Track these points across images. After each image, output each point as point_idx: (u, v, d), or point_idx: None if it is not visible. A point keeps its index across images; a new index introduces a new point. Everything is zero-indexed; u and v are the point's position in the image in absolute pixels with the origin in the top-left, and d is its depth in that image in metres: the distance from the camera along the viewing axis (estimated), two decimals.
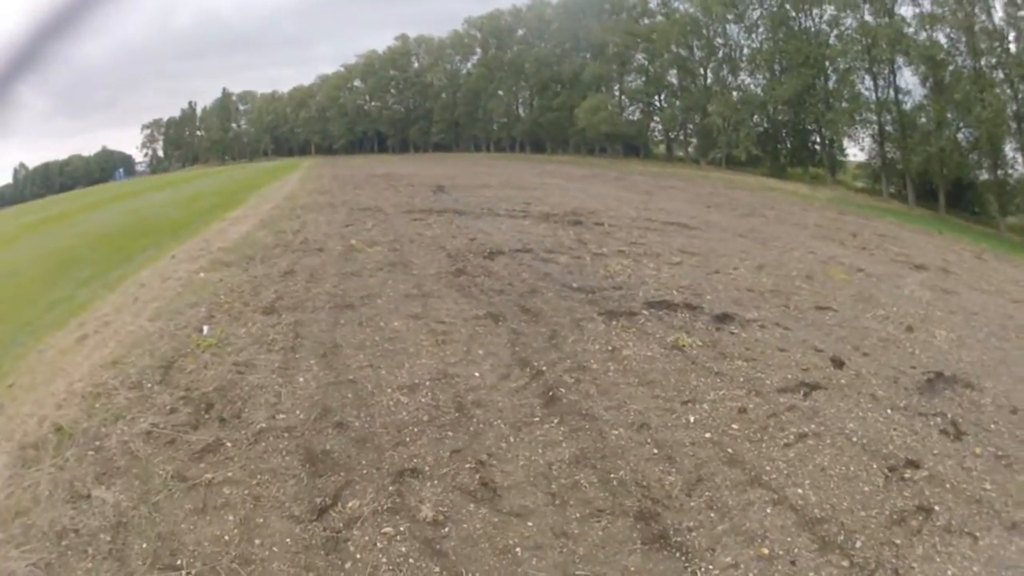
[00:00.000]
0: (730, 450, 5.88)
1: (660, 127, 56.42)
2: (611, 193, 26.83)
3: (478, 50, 70.41)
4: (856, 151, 44.03)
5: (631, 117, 56.05)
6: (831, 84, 42.62)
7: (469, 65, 71.79)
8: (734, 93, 48.60)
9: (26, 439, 6.50)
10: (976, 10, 33.64)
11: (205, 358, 7.95)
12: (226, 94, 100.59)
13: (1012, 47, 32.97)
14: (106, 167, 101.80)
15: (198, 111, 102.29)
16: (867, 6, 39.30)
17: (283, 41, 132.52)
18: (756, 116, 46.97)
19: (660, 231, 16.71)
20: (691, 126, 52.70)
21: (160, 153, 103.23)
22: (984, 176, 35.42)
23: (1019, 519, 5.12)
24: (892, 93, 39.81)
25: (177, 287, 11.56)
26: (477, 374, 7.32)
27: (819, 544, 4.74)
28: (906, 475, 5.57)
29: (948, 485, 5.48)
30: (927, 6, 36.25)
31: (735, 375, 7.37)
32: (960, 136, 35.10)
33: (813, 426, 6.33)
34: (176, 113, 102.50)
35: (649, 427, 6.19)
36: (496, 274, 11.53)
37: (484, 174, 35.09)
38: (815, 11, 43.47)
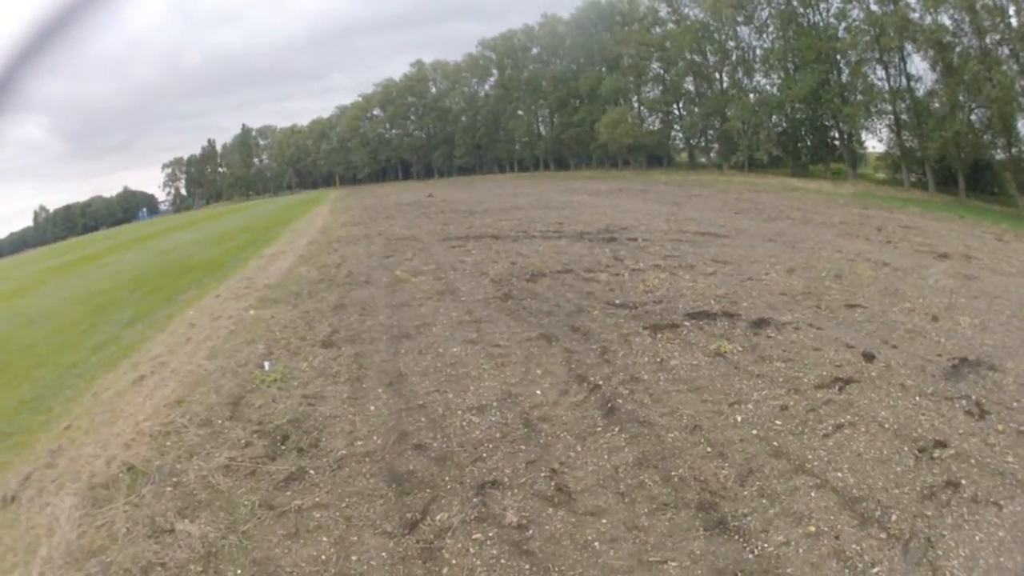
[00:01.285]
0: (775, 443, 6.31)
1: (680, 135, 55.93)
2: (639, 207, 27.04)
3: (494, 71, 70.27)
4: (875, 142, 43.51)
5: (651, 127, 55.71)
6: (844, 78, 42.09)
7: (487, 87, 71.78)
8: (751, 95, 48.27)
9: (95, 479, 6.39)
10: None
11: (272, 392, 8.09)
12: (246, 130, 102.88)
13: (1014, 21, 32.48)
14: (129, 207, 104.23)
15: (218, 148, 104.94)
16: None
17: (298, 73, 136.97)
18: (774, 117, 46.48)
19: (692, 242, 16.92)
20: (711, 132, 52.18)
21: (183, 191, 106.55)
22: (1000, 155, 34.79)
23: None
24: (904, 81, 39.36)
25: (230, 325, 11.61)
26: (539, 392, 7.70)
27: (859, 520, 5.16)
28: (935, 454, 5.90)
29: (973, 461, 5.77)
30: None
31: (775, 376, 7.85)
32: (973, 118, 34.61)
33: (848, 417, 6.75)
34: (196, 151, 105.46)
35: (701, 428, 6.66)
36: (541, 296, 11.84)
37: (512, 196, 35.19)
38: (822, 5, 42.98)
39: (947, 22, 35.09)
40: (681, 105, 54.38)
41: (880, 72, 40.35)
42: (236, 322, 11.69)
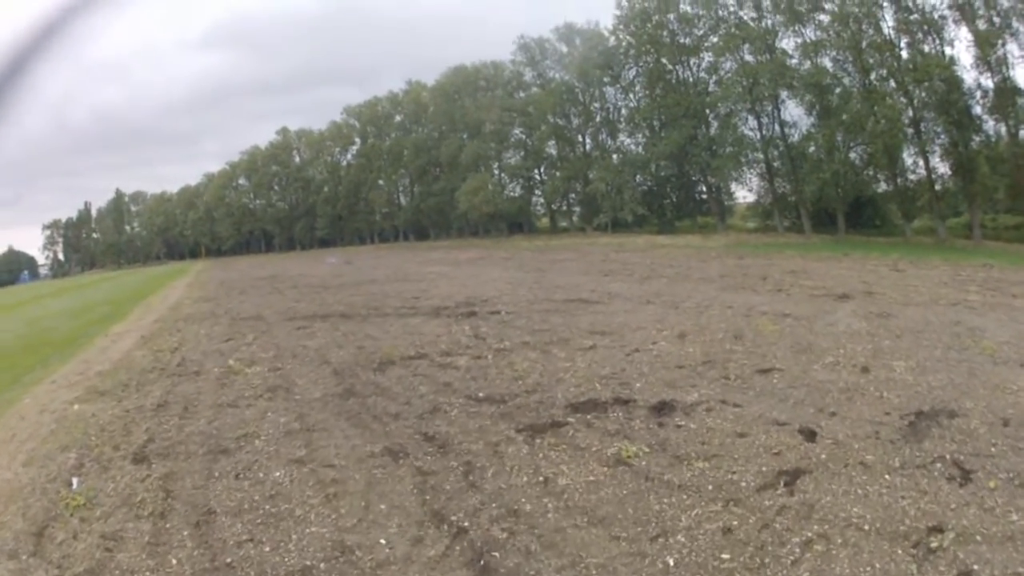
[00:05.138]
0: None
1: (542, 200, 59.45)
2: (501, 275, 27.34)
3: (357, 140, 74.56)
4: (745, 193, 47.05)
5: (512, 194, 59.05)
6: (713, 131, 45.26)
7: (349, 156, 76.31)
8: (614, 156, 51.17)
9: None
10: (864, 26, 36.60)
11: (75, 525, 6.88)
12: (119, 195, 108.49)
13: (904, 53, 35.98)
14: (13, 268, 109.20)
15: (93, 212, 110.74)
16: (747, 46, 42.18)
17: (172, 137, 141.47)
18: (639, 175, 49.44)
19: (562, 311, 16.52)
20: (573, 195, 55.36)
21: (60, 256, 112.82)
22: (883, 188, 38.22)
23: None
24: (777, 128, 42.82)
25: (51, 423, 10.66)
26: (383, 541, 6.06)
27: None
28: (933, 544, 5.15)
29: (978, 537, 5.18)
30: (810, 34, 39.39)
31: (701, 484, 6.49)
32: (853, 156, 37.79)
33: (815, 527, 5.52)
34: (73, 213, 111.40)
35: None
36: (389, 391, 10.58)
37: (370, 268, 36.64)
38: (692, 61, 46.77)
39: (828, 64, 38.71)
40: (543, 169, 57.99)
41: (752, 122, 44.00)
42: (58, 419, 10.87)
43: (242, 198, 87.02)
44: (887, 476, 6.27)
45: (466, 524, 6.16)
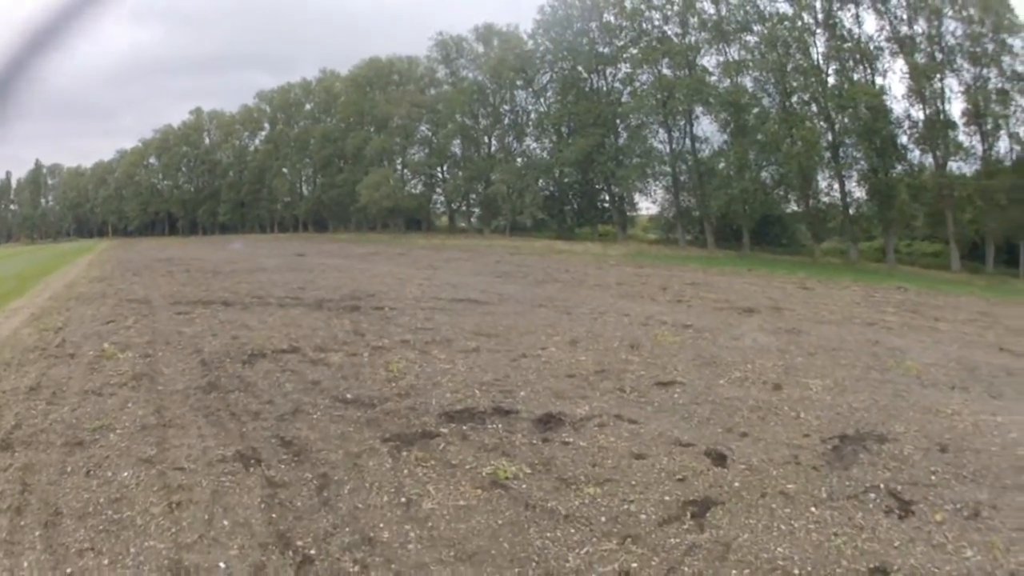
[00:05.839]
0: None
1: (443, 199, 60.73)
2: (392, 271, 27.06)
3: (267, 125, 74.97)
4: (648, 204, 48.01)
5: (413, 190, 60.00)
6: (622, 141, 46.06)
7: (257, 141, 76.49)
8: (518, 159, 52.14)
9: None
10: (792, 50, 37.88)
11: None
12: (38, 166, 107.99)
13: (831, 80, 37.33)
14: None
15: (13, 183, 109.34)
16: (667, 60, 42.90)
17: (96, 110, 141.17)
18: (541, 180, 50.05)
19: (448, 310, 15.89)
20: (473, 196, 56.03)
21: None
22: (792, 208, 39.64)
23: (1014, 567, 4.75)
24: (688, 143, 43.71)
25: None
26: (222, 565, 5.13)
27: None
28: None
29: None
30: (734, 54, 40.50)
31: (592, 515, 5.41)
32: (765, 175, 38.98)
33: (733, 571, 4.60)
34: None
35: None
36: (254, 387, 9.64)
37: (263, 256, 36.02)
38: (609, 70, 47.45)
39: (749, 84, 39.82)
40: (446, 168, 58.80)
41: (663, 135, 44.83)
42: None
43: (151, 178, 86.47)
44: (814, 509, 5.50)
45: (313, 552, 5.28)
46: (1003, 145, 34.34)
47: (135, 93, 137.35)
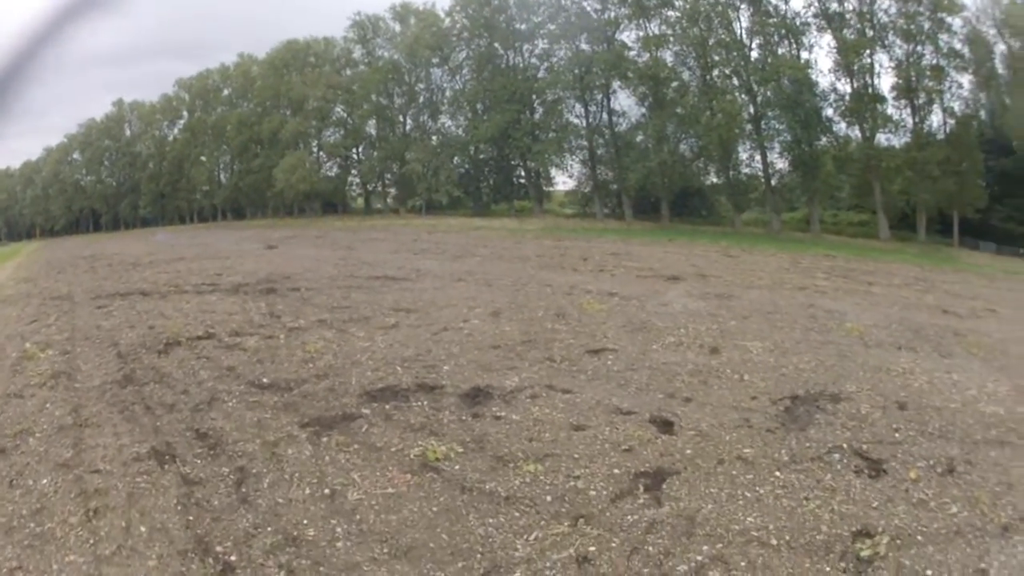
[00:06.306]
0: None
1: (358, 180, 60.10)
2: (309, 253, 26.97)
3: (185, 113, 72.03)
4: (565, 179, 47.93)
5: (329, 173, 59.12)
6: (537, 116, 45.87)
7: (176, 130, 73.39)
8: (434, 138, 51.68)
9: None
10: (715, 24, 37.93)
11: None
12: None
13: (755, 54, 37.64)
14: None
15: None
16: (585, 35, 42.58)
17: (26, 107, 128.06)
18: (457, 158, 49.89)
19: (366, 288, 15.61)
20: (389, 176, 55.84)
21: None
22: (712, 180, 39.91)
23: (1006, 520, 4.63)
24: (605, 117, 43.57)
25: None
26: None
27: None
28: (864, 553, 4.35)
29: (920, 537, 4.52)
30: (654, 28, 40.23)
31: (537, 495, 4.93)
32: (683, 147, 39.21)
33: (704, 547, 4.25)
34: None
35: None
36: (169, 377, 9.16)
37: (183, 246, 35.17)
38: (526, 47, 46.89)
39: (669, 58, 39.66)
40: (361, 149, 58.23)
41: (579, 109, 44.59)
42: None
43: (75, 174, 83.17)
44: (778, 473, 5.22)
45: (234, 557, 4.86)
46: (936, 119, 35.36)
47: (67, 88, 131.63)
